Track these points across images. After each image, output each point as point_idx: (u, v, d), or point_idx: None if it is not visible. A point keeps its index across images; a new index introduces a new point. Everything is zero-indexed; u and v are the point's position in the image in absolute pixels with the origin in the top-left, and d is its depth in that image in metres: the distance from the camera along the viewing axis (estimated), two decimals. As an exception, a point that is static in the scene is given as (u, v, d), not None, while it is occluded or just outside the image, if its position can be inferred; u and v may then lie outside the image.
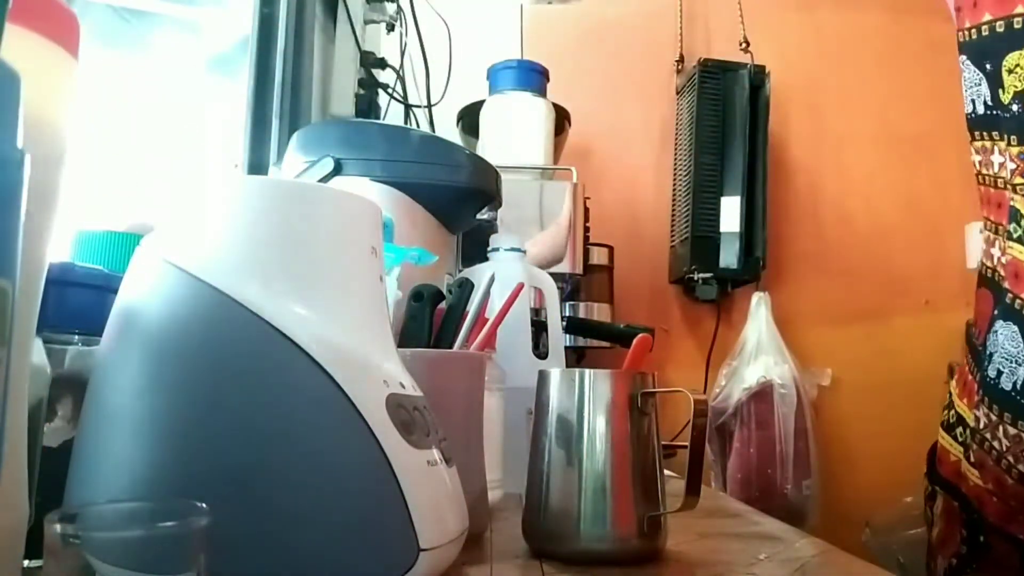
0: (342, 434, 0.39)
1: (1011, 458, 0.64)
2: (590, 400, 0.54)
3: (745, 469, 1.84)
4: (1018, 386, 0.65)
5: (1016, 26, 0.64)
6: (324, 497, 0.38)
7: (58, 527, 0.26)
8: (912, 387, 1.82)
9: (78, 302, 0.49)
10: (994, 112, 0.67)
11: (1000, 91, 0.66)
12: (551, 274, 1.01)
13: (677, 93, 2.07)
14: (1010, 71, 0.66)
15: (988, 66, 0.66)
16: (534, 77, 1.58)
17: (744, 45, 2.04)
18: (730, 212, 1.89)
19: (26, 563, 0.35)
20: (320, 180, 0.82)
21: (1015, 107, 0.62)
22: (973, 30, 0.68)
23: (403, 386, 0.44)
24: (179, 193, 0.44)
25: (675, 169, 2.00)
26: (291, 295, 0.41)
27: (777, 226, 1.97)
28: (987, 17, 0.68)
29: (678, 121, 2.04)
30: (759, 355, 1.87)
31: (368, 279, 0.45)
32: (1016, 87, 0.65)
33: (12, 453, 0.33)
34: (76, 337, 0.48)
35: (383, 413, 0.40)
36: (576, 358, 1.69)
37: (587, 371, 0.55)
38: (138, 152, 1.03)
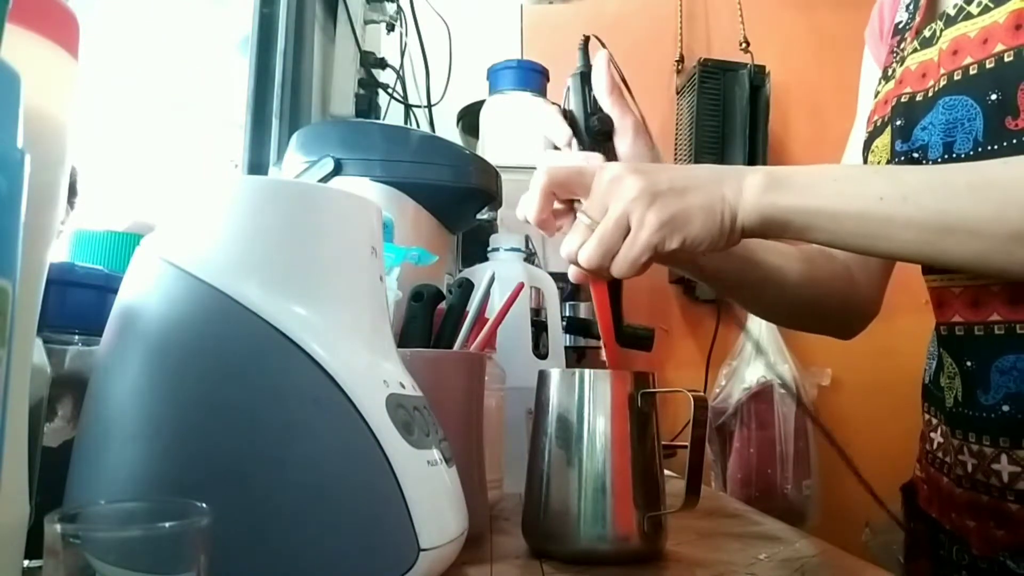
0: (342, 434, 0.39)
1: (939, 453, 0.69)
2: (590, 400, 0.54)
3: (745, 469, 1.84)
4: (931, 378, 0.71)
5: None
6: (324, 497, 0.39)
7: (58, 527, 0.26)
8: (912, 387, 1.81)
9: (78, 302, 0.49)
10: None
11: None
12: (551, 274, 1.01)
13: (677, 93, 2.07)
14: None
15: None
16: (534, 77, 1.57)
17: (744, 45, 2.04)
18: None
19: (26, 563, 0.35)
20: (320, 180, 0.82)
21: None
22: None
23: (403, 386, 0.44)
24: (179, 193, 0.44)
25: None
26: (291, 295, 0.41)
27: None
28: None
29: (678, 121, 2.04)
30: (759, 355, 1.87)
31: (368, 279, 0.45)
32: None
33: (12, 453, 0.33)
34: (76, 337, 0.48)
35: (383, 413, 0.40)
36: (576, 358, 1.69)
37: (587, 371, 0.55)
38: (138, 152, 1.03)
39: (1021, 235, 0.49)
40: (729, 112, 1.93)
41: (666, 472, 0.59)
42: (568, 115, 0.64)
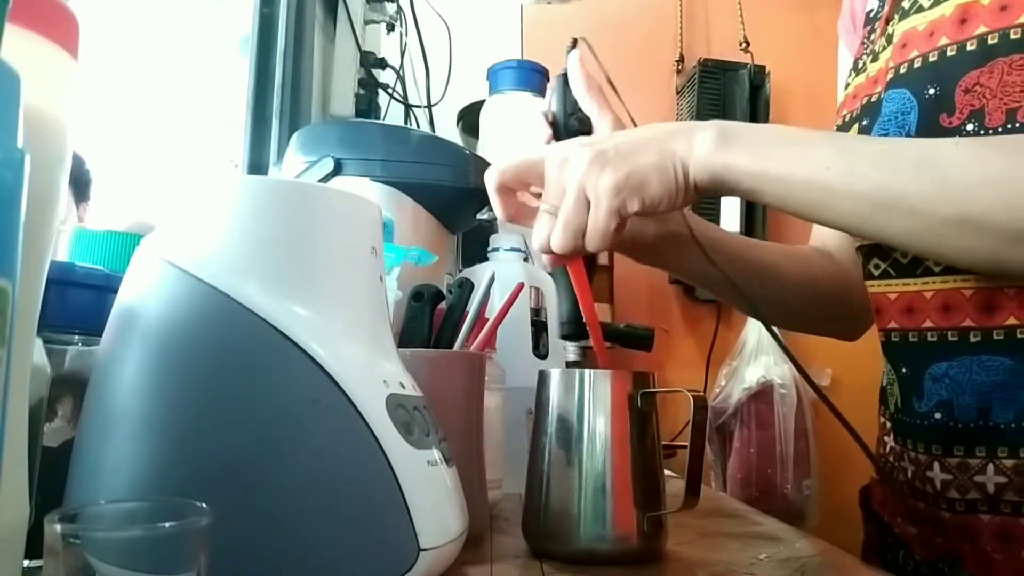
0: (342, 434, 0.39)
1: (891, 457, 0.69)
2: (590, 400, 0.54)
3: (745, 469, 1.84)
4: (885, 382, 0.70)
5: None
6: (324, 497, 0.38)
7: (58, 527, 0.26)
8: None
9: (78, 302, 0.49)
10: None
11: None
12: (551, 274, 1.01)
13: (677, 93, 2.07)
14: None
15: None
16: (534, 77, 1.57)
17: (744, 45, 2.04)
18: (730, 212, 1.89)
19: (26, 563, 0.35)
20: (320, 180, 0.82)
21: None
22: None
23: (403, 386, 0.44)
24: (179, 193, 0.44)
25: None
26: (291, 295, 0.41)
27: (777, 226, 1.97)
28: None
29: (678, 121, 2.04)
30: (759, 355, 1.87)
31: (368, 279, 0.45)
32: None
33: (12, 453, 0.33)
34: (76, 337, 0.48)
35: (383, 413, 0.40)
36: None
37: (587, 371, 0.55)
38: (138, 152, 1.03)
39: (957, 219, 0.48)
40: (729, 112, 1.93)
41: (666, 472, 0.59)
42: (551, 116, 0.65)
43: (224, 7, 1.36)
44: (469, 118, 1.68)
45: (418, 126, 1.66)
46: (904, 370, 0.62)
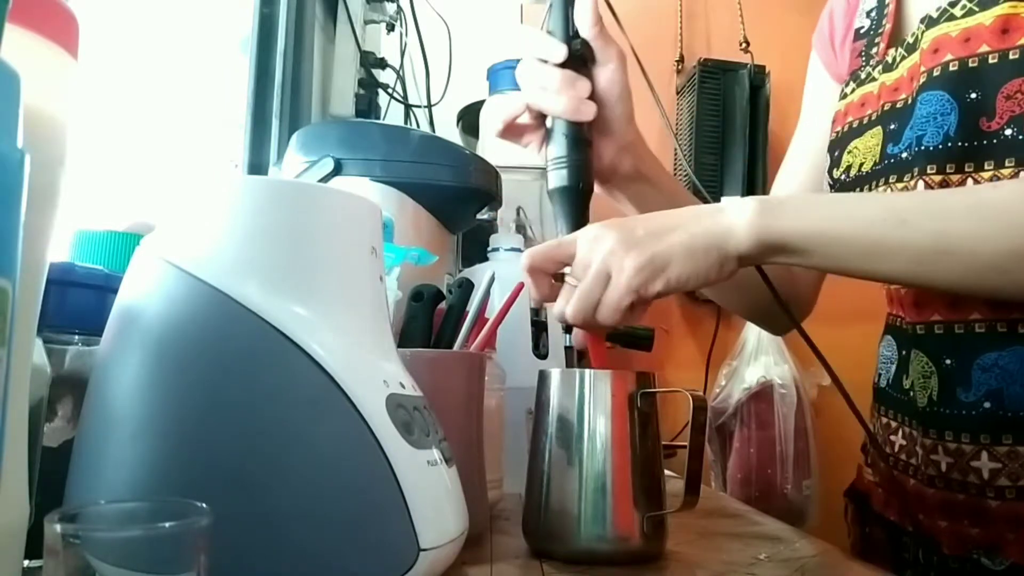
0: (342, 434, 0.39)
1: (903, 455, 0.69)
2: (590, 400, 0.54)
3: (745, 469, 1.84)
4: (890, 381, 0.71)
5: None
6: (324, 497, 0.39)
7: (58, 527, 0.26)
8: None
9: (78, 302, 0.49)
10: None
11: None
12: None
13: (677, 93, 2.07)
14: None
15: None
16: (534, 77, 1.57)
17: (744, 45, 2.04)
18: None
19: (26, 563, 0.35)
20: (320, 180, 0.82)
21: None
22: None
23: (403, 386, 0.44)
24: (179, 193, 0.44)
25: (675, 169, 2.00)
26: (291, 295, 0.41)
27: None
28: None
29: (678, 121, 2.04)
30: (759, 355, 1.87)
31: (368, 279, 0.45)
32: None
33: (12, 453, 0.33)
34: (76, 337, 0.48)
35: (383, 413, 0.40)
36: (576, 358, 1.69)
37: (587, 371, 0.55)
38: (138, 151, 1.03)
39: (1017, 254, 0.50)
40: (729, 112, 1.93)
41: (666, 472, 0.59)
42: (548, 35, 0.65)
43: (224, 7, 1.36)
44: (469, 118, 1.68)
45: (418, 126, 1.67)
46: (948, 361, 0.63)
